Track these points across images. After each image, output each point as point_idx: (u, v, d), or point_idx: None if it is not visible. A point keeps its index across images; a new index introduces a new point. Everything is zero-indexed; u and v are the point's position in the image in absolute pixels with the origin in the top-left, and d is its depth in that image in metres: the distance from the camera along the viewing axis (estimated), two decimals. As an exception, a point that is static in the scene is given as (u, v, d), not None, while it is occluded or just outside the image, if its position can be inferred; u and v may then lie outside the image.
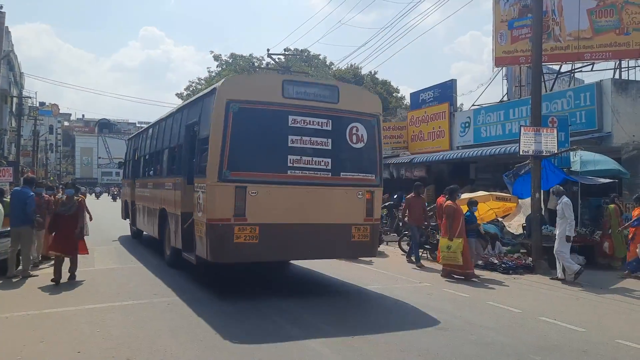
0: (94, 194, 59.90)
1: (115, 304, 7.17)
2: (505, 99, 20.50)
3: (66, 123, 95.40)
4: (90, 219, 12.62)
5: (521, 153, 11.03)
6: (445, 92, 20.70)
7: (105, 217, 20.38)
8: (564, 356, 5.22)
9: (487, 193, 12.49)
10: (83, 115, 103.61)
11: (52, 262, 9.21)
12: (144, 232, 13.87)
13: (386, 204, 17.89)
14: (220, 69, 42.56)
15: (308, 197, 7.73)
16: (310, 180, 7.77)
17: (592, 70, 19.17)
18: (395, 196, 18.77)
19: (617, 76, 17.35)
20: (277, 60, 32.33)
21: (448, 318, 6.70)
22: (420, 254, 12.42)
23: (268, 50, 40.48)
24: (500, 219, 12.83)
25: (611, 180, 12.41)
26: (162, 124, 11.90)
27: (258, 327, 6.05)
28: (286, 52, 32.96)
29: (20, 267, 9.21)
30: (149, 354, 5.09)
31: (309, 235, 7.69)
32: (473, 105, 20.44)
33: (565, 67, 19.55)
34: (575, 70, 19.81)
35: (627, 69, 18.37)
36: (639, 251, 9.92)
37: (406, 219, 12.30)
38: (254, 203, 7.35)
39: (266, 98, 7.67)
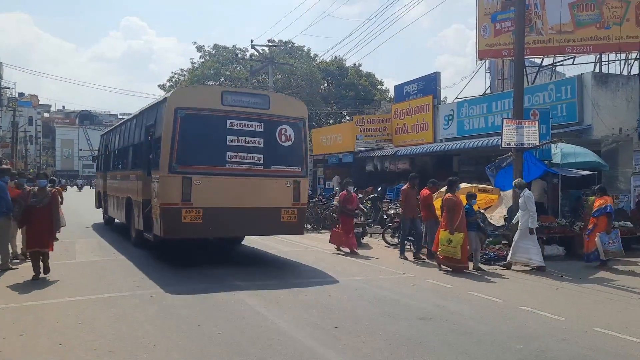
0: (75, 186, 59.14)
1: (97, 296, 7.11)
2: (488, 91, 20.66)
3: (46, 114, 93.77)
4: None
5: (503, 145, 11.13)
6: (429, 84, 20.79)
7: (81, 206, 22.78)
8: (543, 344, 5.31)
9: (470, 185, 12.59)
10: (63, 107, 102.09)
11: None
12: (116, 220, 15.33)
13: (370, 196, 17.97)
14: (203, 59, 42.17)
15: (244, 185, 9.52)
16: (245, 172, 9.59)
17: (573, 63, 19.44)
18: (379, 188, 18.86)
19: (597, 70, 17.60)
20: (260, 51, 32.15)
21: (431, 308, 6.76)
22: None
23: (252, 41, 40.21)
24: (482, 211, 12.95)
25: (591, 173, 12.61)
26: (127, 124, 13.69)
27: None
28: (270, 44, 32.73)
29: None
30: (132, 345, 5.06)
31: (244, 217, 9.47)
32: (456, 98, 20.59)
33: (547, 61, 19.78)
34: (557, 64, 20.05)
35: (607, 62, 18.66)
36: (598, 240, 10.05)
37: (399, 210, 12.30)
38: (198, 190, 9.09)
39: (208, 105, 9.49)
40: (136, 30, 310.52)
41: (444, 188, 11.82)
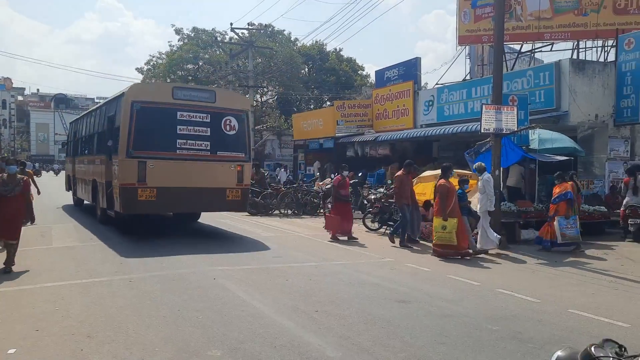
0: (51, 170, 58.04)
1: (74, 281, 7.03)
2: (468, 77, 20.79)
3: (20, 97, 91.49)
4: (38, 192, 13.48)
5: (482, 131, 11.21)
6: (410, 70, 20.83)
7: (54, 190, 23.19)
8: (520, 326, 5.42)
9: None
10: (38, 90, 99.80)
11: None
12: (85, 202, 16.42)
13: (351, 181, 18.01)
14: (182, 43, 41.50)
15: (192, 168, 10.88)
16: (194, 157, 10.96)
17: (551, 50, 19.67)
18: (360, 174, 18.91)
19: (574, 56, 17.82)
20: (240, 35, 31.77)
21: (409, 291, 6.84)
22: (384, 230, 12.61)
23: (231, 24, 39.73)
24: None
25: (567, 158, 12.82)
26: (92, 114, 15.01)
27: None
28: (250, 27, 32.34)
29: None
30: (110, 330, 5.02)
31: (194, 195, 10.83)
32: (437, 84, 20.67)
33: (526, 47, 19.95)
34: (536, 50, 20.24)
35: (584, 49, 18.91)
36: (556, 224, 10.20)
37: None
38: (151, 172, 10.43)
39: (161, 99, 10.86)
40: (113, 11, 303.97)
41: (427, 173, 11.89)
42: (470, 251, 9.74)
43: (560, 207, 10.27)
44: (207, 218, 14.47)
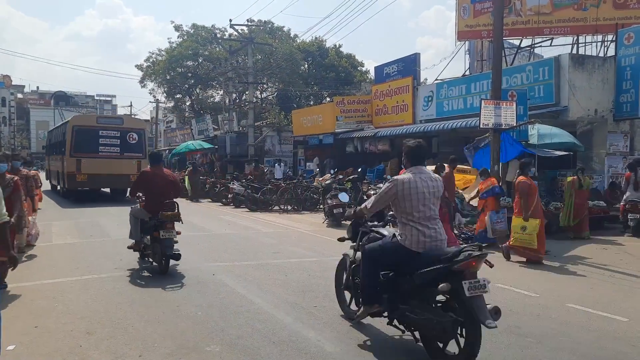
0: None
1: (74, 278, 7.04)
2: (467, 73, 20.76)
3: (20, 95, 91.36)
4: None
5: (481, 126, 11.21)
6: (409, 65, 20.79)
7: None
8: (518, 320, 5.43)
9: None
10: (38, 87, 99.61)
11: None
12: (58, 187, 22.36)
13: (350, 177, 18.02)
14: (181, 39, 41.44)
15: (109, 162, 18.72)
16: (110, 156, 18.94)
17: (551, 45, 19.61)
18: (359, 169, 18.88)
19: (574, 51, 17.79)
20: (240, 31, 31.71)
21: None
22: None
23: (230, 20, 39.59)
24: (460, 191, 13.09)
25: (567, 153, 12.80)
26: (56, 130, 23.87)
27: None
28: (249, 23, 32.29)
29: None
30: (110, 326, 5.04)
31: (110, 178, 18.94)
32: (436, 79, 20.63)
33: (526, 42, 19.90)
34: (535, 45, 20.20)
35: (584, 44, 18.87)
36: (487, 219, 10.16)
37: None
38: (84, 165, 18.41)
39: (89, 123, 19.62)
40: (113, 8, 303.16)
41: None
42: (543, 256, 8.88)
43: (489, 202, 10.16)
44: (206, 214, 14.44)
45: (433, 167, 10.94)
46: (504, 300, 6.25)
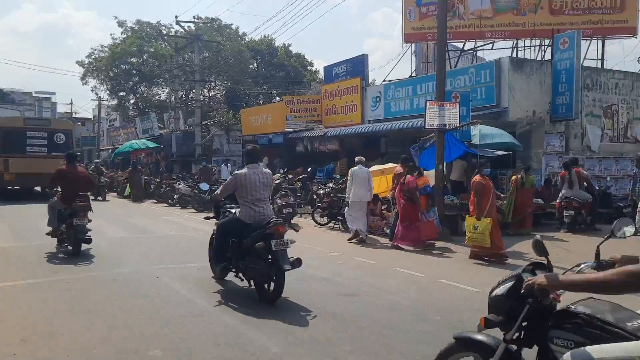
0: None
1: (9, 283, 6.68)
2: (414, 74, 21.19)
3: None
4: None
5: (426, 127, 11.47)
6: (357, 66, 21.00)
7: None
8: (461, 315, 5.59)
9: (396, 165, 12.91)
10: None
11: None
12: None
13: (300, 177, 18.04)
14: (125, 35, 40.16)
15: (36, 162, 18.89)
16: (37, 156, 19.37)
17: (492, 48, 20.34)
18: (309, 169, 18.93)
19: (514, 55, 18.51)
20: (186, 28, 31.09)
21: (357, 284, 6.93)
22: (333, 225, 12.70)
23: (176, 17, 38.72)
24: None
25: (506, 153, 13.30)
26: None
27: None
28: (196, 20, 31.67)
29: None
30: (46, 333, 4.81)
31: (38, 177, 18.27)
32: (384, 80, 20.96)
33: (469, 45, 20.54)
34: (477, 48, 20.88)
35: (523, 48, 19.65)
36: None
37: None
38: (12, 164, 18.98)
39: (17, 125, 20.17)
40: (51, 2, 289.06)
41: (374, 168, 11.99)
42: (504, 253, 8.95)
43: (421, 201, 10.28)
44: (150, 216, 14.04)
45: (384, 166, 11.05)
46: (447, 296, 6.42)
